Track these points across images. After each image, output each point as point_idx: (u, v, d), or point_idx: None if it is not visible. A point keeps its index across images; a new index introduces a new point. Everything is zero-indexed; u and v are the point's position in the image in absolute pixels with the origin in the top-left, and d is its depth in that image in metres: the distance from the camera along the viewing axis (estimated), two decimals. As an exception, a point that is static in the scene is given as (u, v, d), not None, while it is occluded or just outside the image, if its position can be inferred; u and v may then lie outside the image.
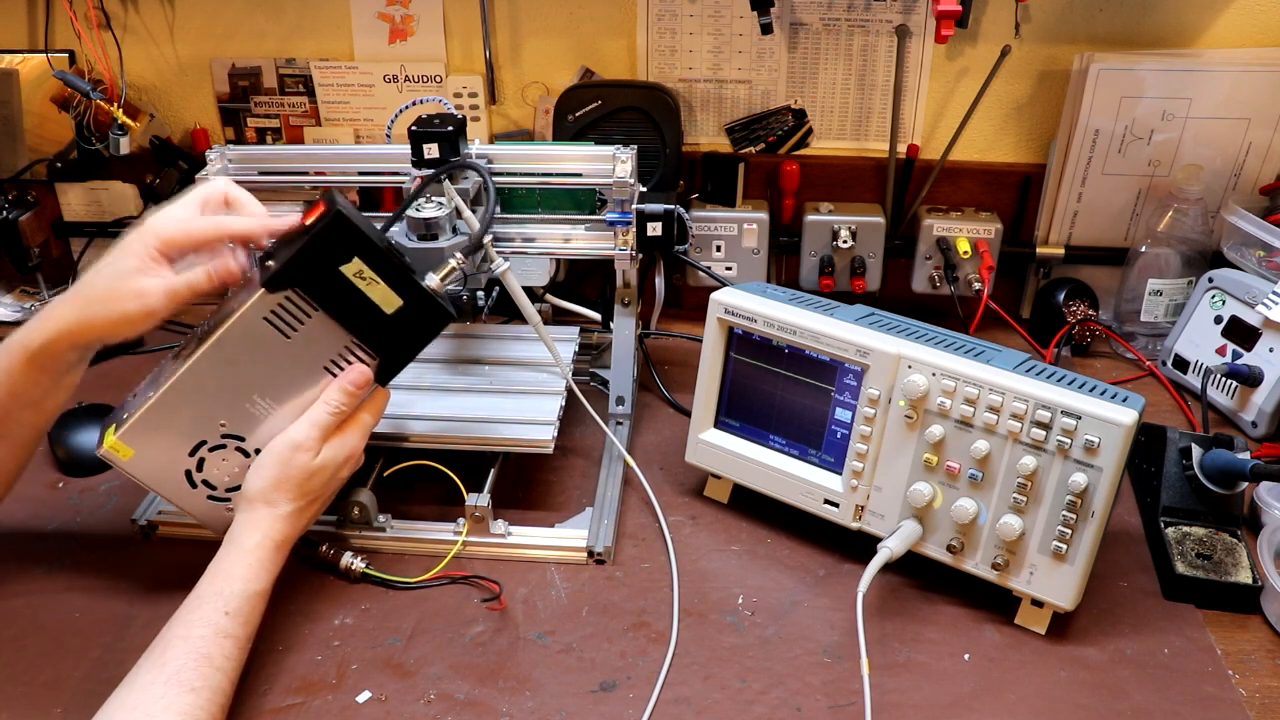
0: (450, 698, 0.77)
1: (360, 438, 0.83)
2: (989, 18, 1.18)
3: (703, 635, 0.83)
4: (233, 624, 0.73)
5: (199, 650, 0.70)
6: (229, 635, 0.73)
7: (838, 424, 0.88)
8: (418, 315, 0.80)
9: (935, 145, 1.25)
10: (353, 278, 0.77)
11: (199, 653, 0.70)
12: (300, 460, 0.79)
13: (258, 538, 0.78)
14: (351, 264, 0.76)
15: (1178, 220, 1.17)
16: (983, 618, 0.84)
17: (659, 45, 1.24)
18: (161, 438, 0.80)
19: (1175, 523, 0.91)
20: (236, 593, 0.75)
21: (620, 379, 1.07)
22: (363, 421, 0.83)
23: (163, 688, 0.68)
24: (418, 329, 0.81)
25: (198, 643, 0.71)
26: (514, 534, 0.91)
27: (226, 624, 0.73)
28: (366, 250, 0.76)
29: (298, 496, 0.80)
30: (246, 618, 0.75)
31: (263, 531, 0.78)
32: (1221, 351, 1.11)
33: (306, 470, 0.80)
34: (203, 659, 0.70)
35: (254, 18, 1.28)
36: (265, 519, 0.79)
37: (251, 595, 0.76)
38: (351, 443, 0.82)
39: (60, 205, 1.36)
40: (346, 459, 0.82)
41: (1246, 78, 1.13)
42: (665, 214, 0.99)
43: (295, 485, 0.80)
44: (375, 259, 0.77)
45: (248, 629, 0.75)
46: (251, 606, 0.75)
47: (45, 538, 0.93)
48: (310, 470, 0.80)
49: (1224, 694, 0.77)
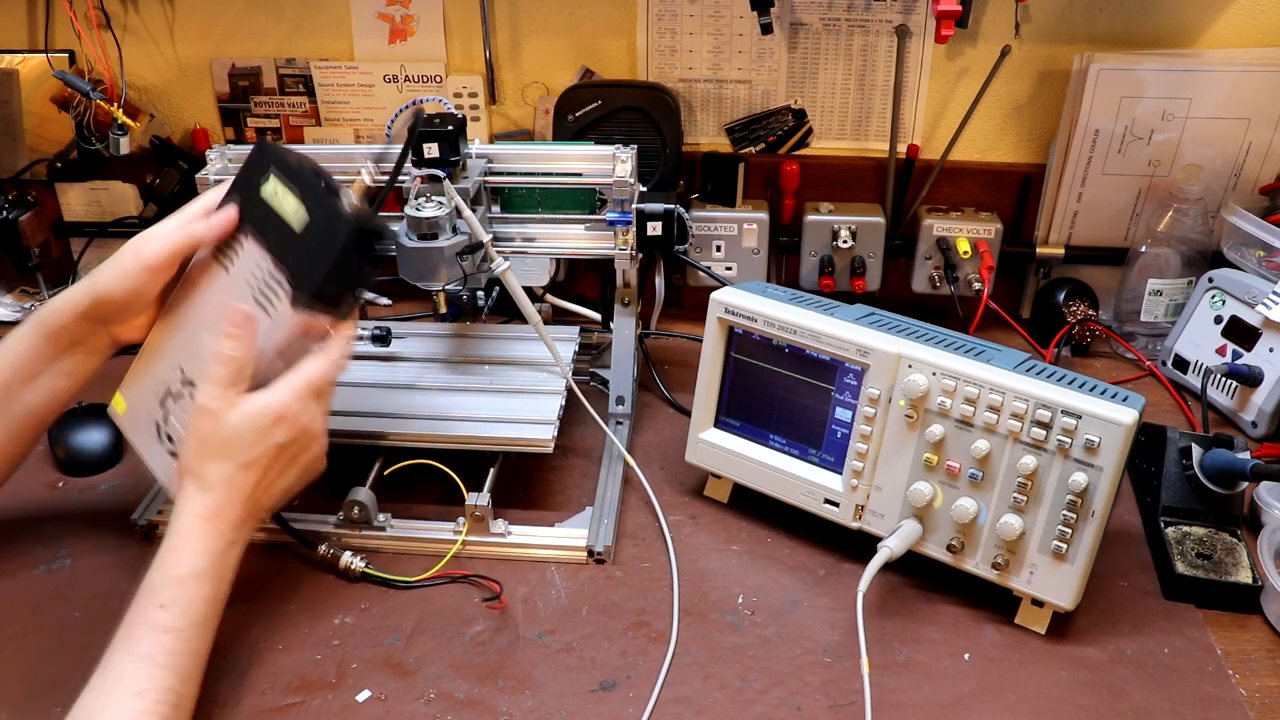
0: (450, 697, 0.77)
1: (292, 394, 0.75)
2: (989, 18, 1.18)
3: (703, 635, 0.83)
4: (169, 616, 0.69)
5: (137, 652, 0.67)
6: (167, 629, 0.68)
7: (838, 423, 0.88)
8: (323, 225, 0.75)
9: (935, 145, 1.25)
10: (268, 198, 0.77)
11: (137, 654, 0.67)
12: (205, 424, 0.73)
13: (182, 515, 0.73)
14: (268, 182, 0.77)
15: (1178, 220, 1.17)
16: (983, 617, 0.84)
17: (659, 45, 1.24)
18: (142, 387, 0.81)
19: (1175, 522, 0.91)
20: (166, 581, 0.70)
21: (620, 379, 1.07)
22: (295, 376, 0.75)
23: (106, 697, 0.65)
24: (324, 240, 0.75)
25: (134, 644, 0.68)
26: (514, 533, 0.91)
27: (162, 618, 0.68)
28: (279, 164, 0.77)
29: (224, 462, 0.73)
30: (184, 606, 0.70)
31: (186, 507, 0.73)
32: (1221, 351, 1.11)
33: (218, 433, 0.73)
34: (143, 659, 0.67)
35: (254, 18, 1.28)
36: (189, 493, 0.73)
37: (182, 579, 0.70)
38: (279, 398, 0.74)
39: (60, 205, 1.36)
40: (277, 417, 0.74)
41: (1246, 78, 1.13)
42: (665, 214, 0.99)
43: (213, 451, 0.73)
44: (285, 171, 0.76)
45: (188, 618, 0.70)
46: (187, 593, 0.70)
47: (45, 538, 0.93)
48: (228, 429, 0.73)
49: (1224, 694, 0.77)
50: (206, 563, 0.72)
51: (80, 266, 1.36)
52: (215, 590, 0.72)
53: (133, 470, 1.01)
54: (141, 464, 0.91)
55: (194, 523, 0.72)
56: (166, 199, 1.32)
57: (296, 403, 0.75)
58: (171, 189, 1.31)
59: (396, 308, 1.34)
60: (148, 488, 0.97)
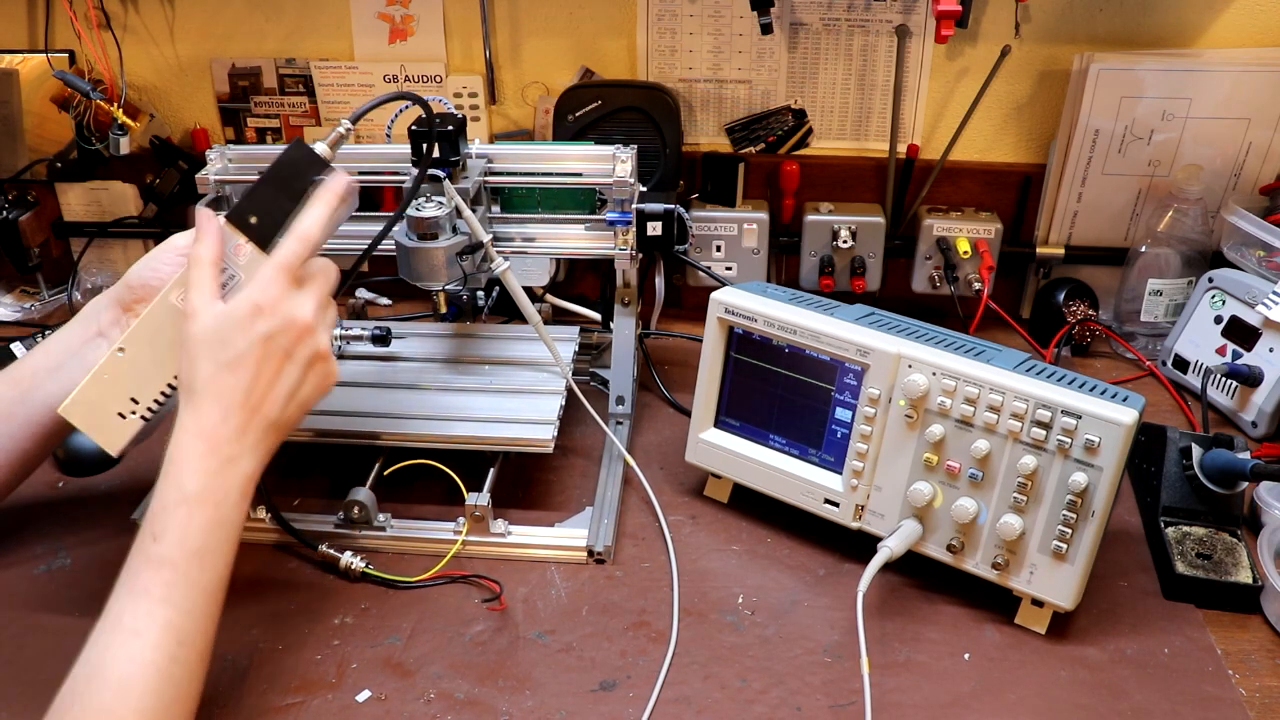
0: (450, 697, 0.77)
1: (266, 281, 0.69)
2: (989, 18, 1.18)
3: (703, 635, 0.83)
4: (163, 547, 0.64)
5: (134, 589, 0.64)
6: (162, 562, 0.64)
7: (838, 423, 0.88)
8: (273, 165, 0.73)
9: (935, 145, 1.25)
10: None
11: (134, 591, 0.63)
12: (187, 330, 0.68)
13: (176, 434, 0.67)
14: None
15: (1178, 220, 1.17)
16: (983, 617, 0.84)
17: (659, 45, 1.24)
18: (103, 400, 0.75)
19: (1175, 523, 0.91)
20: (159, 509, 0.65)
21: (620, 379, 1.07)
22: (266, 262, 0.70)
23: (107, 637, 0.62)
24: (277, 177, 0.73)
25: (132, 581, 0.64)
26: (514, 533, 0.91)
27: (156, 550, 0.64)
28: None
29: (206, 363, 0.67)
30: (178, 535, 0.65)
31: (180, 424, 0.67)
32: (1221, 351, 1.11)
33: (198, 335, 0.68)
34: (140, 596, 0.63)
35: (254, 18, 1.28)
36: (181, 412, 0.68)
37: (172, 505, 0.65)
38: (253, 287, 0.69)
39: (60, 205, 1.36)
40: (254, 305, 0.68)
41: (1246, 78, 1.13)
42: (665, 214, 0.99)
43: (194, 355, 0.68)
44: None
45: (185, 546, 0.65)
46: (179, 520, 0.65)
47: (45, 538, 0.93)
48: (207, 329, 0.68)
49: (1224, 694, 0.77)
50: (200, 484, 0.66)
51: (80, 266, 1.36)
52: (215, 514, 0.66)
53: (133, 470, 1.01)
54: (141, 464, 0.91)
55: (185, 440, 0.67)
56: (166, 199, 1.32)
57: (273, 288, 0.69)
58: (171, 189, 1.31)
59: (396, 308, 1.34)
60: (148, 487, 0.97)
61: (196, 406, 0.68)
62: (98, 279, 1.36)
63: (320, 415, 0.95)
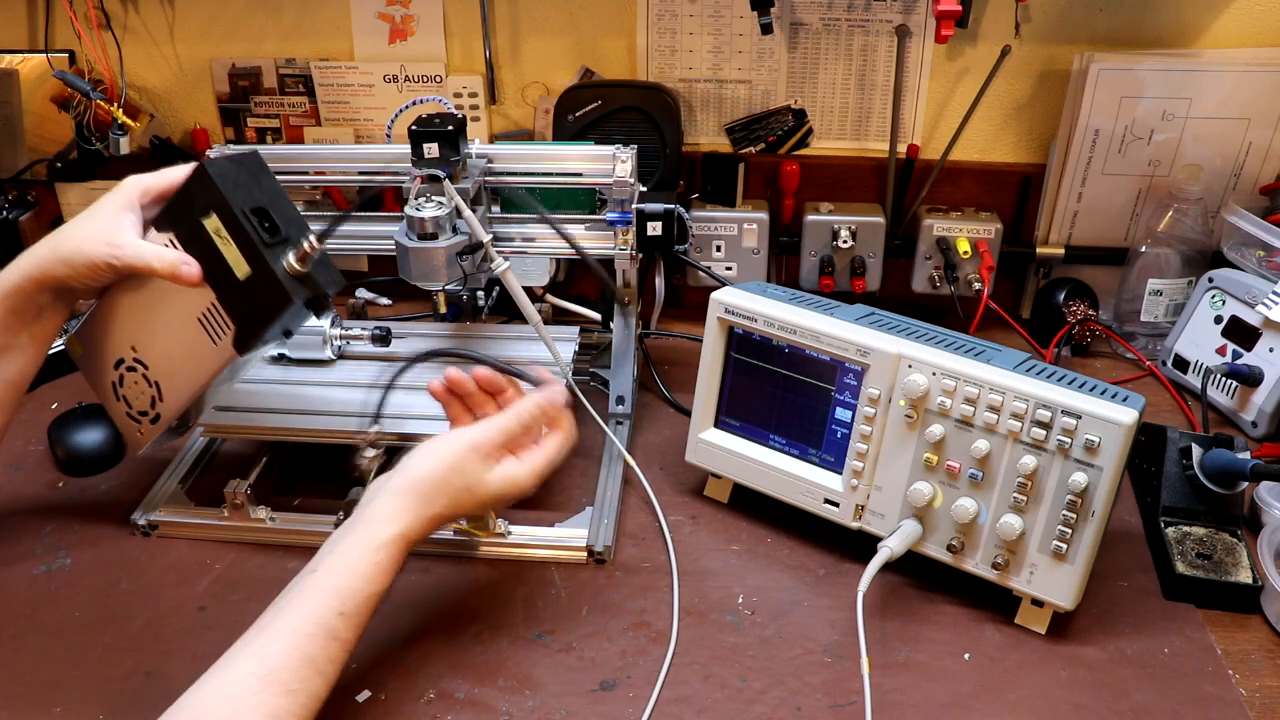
0: (450, 696, 0.77)
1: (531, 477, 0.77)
2: (989, 18, 1.18)
3: (703, 635, 0.83)
4: (344, 626, 0.67)
5: (304, 651, 0.65)
6: (337, 638, 0.67)
7: (838, 423, 0.88)
8: (263, 288, 0.76)
9: (935, 145, 1.25)
10: (213, 234, 0.76)
11: (304, 653, 0.65)
12: (472, 464, 0.74)
13: (395, 532, 0.71)
14: (210, 219, 0.76)
15: (1178, 220, 1.17)
16: (983, 617, 0.84)
17: (659, 45, 1.24)
18: (98, 341, 0.85)
19: (1175, 523, 0.91)
20: (357, 591, 0.68)
21: (620, 379, 1.07)
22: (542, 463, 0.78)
23: (259, 683, 0.63)
24: (264, 303, 0.77)
25: (305, 641, 0.65)
26: (514, 533, 0.91)
27: (338, 625, 0.67)
28: (222, 209, 0.76)
29: (450, 502, 0.73)
30: (361, 621, 0.69)
31: (403, 526, 0.71)
32: (1221, 351, 1.11)
33: (476, 477, 0.74)
34: (306, 661, 0.65)
35: (254, 18, 1.28)
36: (410, 513, 0.72)
37: (371, 597, 0.69)
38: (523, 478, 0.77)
39: (60, 205, 1.36)
40: (515, 493, 0.76)
41: (1246, 78, 1.13)
42: (665, 214, 0.99)
43: (458, 490, 0.74)
44: (229, 220, 0.76)
45: (358, 633, 0.69)
46: (369, 609, 0.69)
47: (45, 537, 0.93)
48: (480, 480, 0.74)
49: (1224, 694, 0.77)
50: (388, 587, 0.71)
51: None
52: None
53: (133, 470, 1.01)
54: (141, 464, 0.91)
55: (399, 545, 0.71)
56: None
57: (529, 484, 0.77)
58: (171, 189, 1.31)
59: (396, 308, 1.34)
60: (148, 487, 0.97)
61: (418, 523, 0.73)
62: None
63: (320, 415, 0.95)
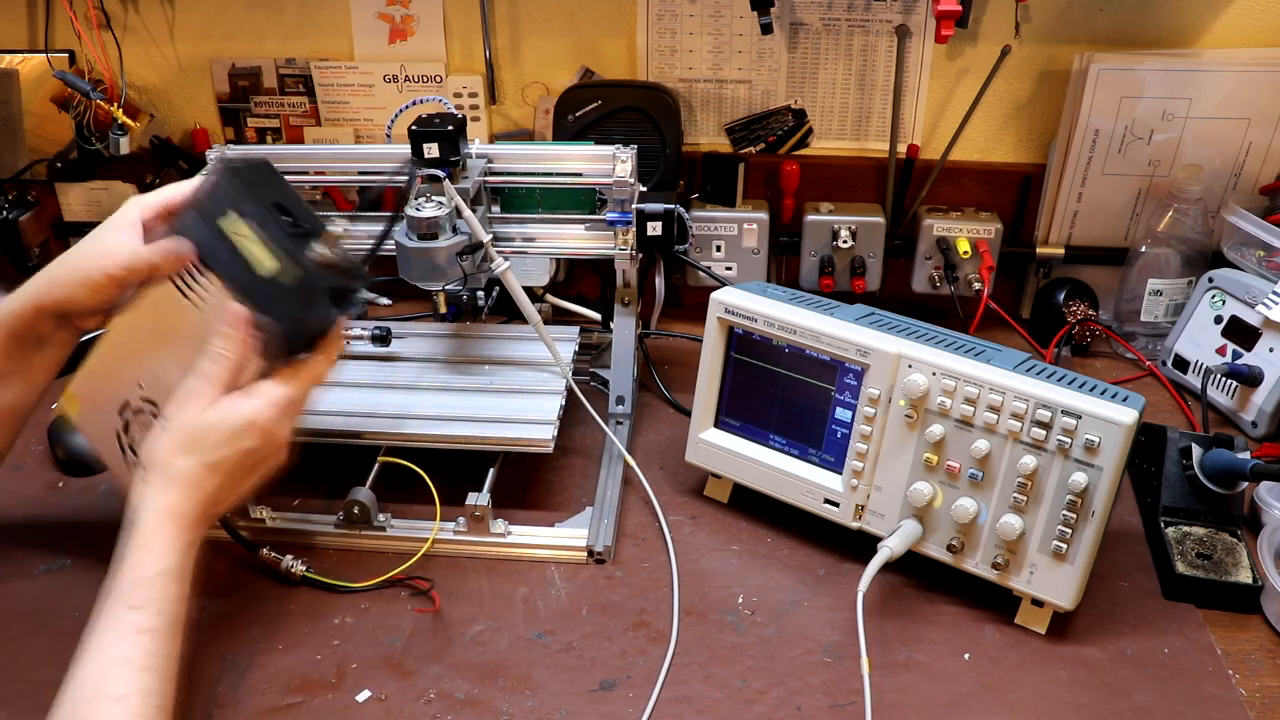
0: (450, 697, 0.77)
1: (269, 404, 0.73)
2: (989, 18, 1.18)
3: (703, 635, 0.83)
4: (144, 617, 0.66)
5: (115, 656, 0.65)
6: (143, 630, 0.66)
7: (838, 423, 0.88)
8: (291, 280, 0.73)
9: (935, 145, 1.25)
10: (232, 235, 0.73)
11: (115, 658, 0.65)
12: (185, 416, 0.71)
13: (147, 510, 0.70)
14: (228, 219, 0.73)
15: (1178, 220, 1.17)
16: (983, 617, 0.84)
17: (659, 45, 1.24)
18: (98, 392, 0.79)
19: (1175, 523, 0.91)
20: (136, 580, 0.67)
21: (620, 379, 1.07)
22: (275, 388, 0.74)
23: (86, 706, 0.63)
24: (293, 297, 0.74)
25: (111, 649, 0.65)
26: (514, 533, 0.91)
27: (138, 619, 0.66)
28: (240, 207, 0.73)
29: (190, 457, 0.71)
30: (159, 606, 0.67)
31: (151, 501, 0.70)
32: (1221, 351, 1.11)
33: (196, 425, 0.71)
34: (122, 664, 0.65)
35: (254, 18, 1.28)
36: (155, 486, 0.71)
37: (152, 579, 0.68)
38: (256, 406, 0.72)
39: (60, 205, 1.36)
40: (249, 423, 0.72)
41: (1246, 78, 1.13)
42: (665, 214, 0.99)
43: (183, 444, 0.71)
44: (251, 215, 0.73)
45: (164, 617, 0.67)
46: (158, 591, 0.68)
47: (45, 538, 0.93)
48: (201, 425, 0.71)
49: (1224, 694, 0.77)
50: (174, 561, 0.69)
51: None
52: (182, 590, 0.70)
53: (133, 470, 1.01)
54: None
55: (158, 520, 0.70)
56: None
57: (274, 412, 0.73)
58: (171, 189, 1.31)
59: (396, 308, 1.34)
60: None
61: (169, 490, 0.71)
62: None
63: (320, 415, 0.95)
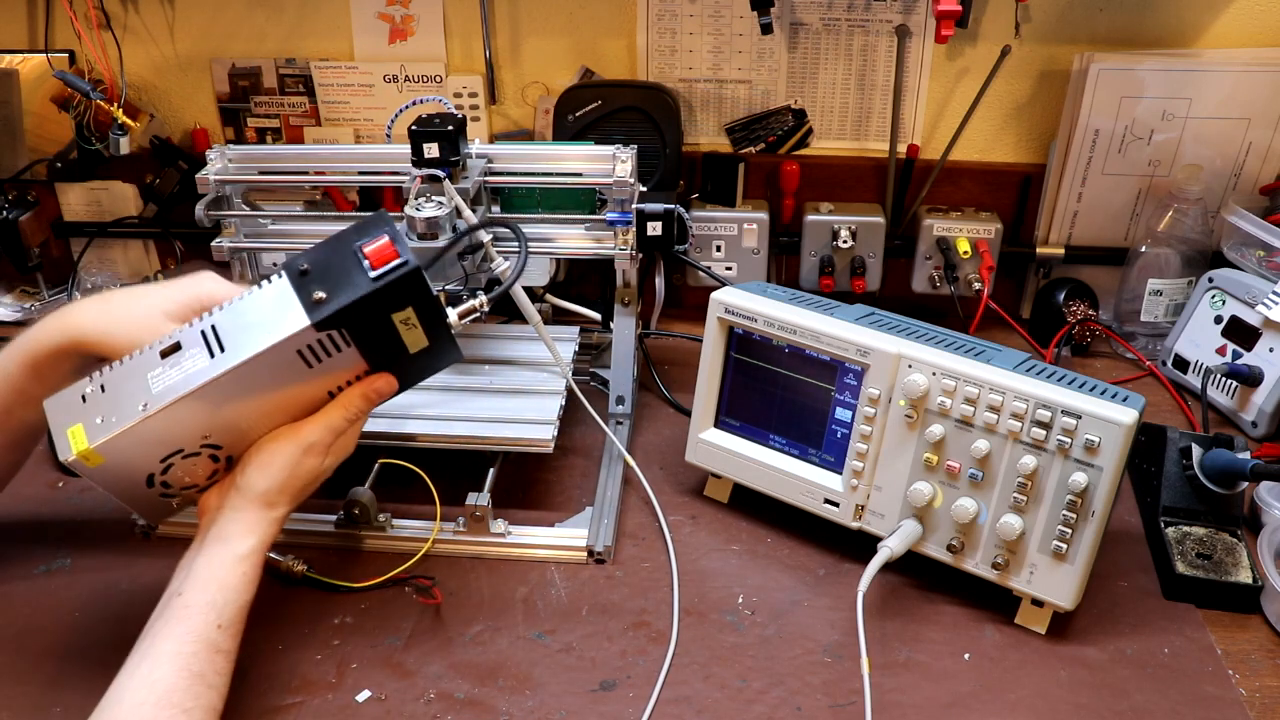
0: (450, 697, 0.77)
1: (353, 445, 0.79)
2: (989, 18, 1.18)
3: (703, 635, 0.83)
4: (224, 638, 0.69)
5: (191, 669, 0.67)
6: (220, 650, 0.69)
7: (838, 423, 0.88)
8: (435, 353, 0.77)
9: (935, 145, 1.25)
10: (398, 324, 0.74)
11: (192, 671, 0.66)
12: (310, 464, 0.75)
13: (253, 543, 0.73)
14: (404, 312, 0.74)
15: (1178, 220, 1.17)
16: (983, 617, 0.84)
17: (659, 45, 1.24)
18: (139, 449, 0.73)
19: (1175, 523, 0.91)
20: (230, 604, 0.70)
21: (620, 379, 1.07)
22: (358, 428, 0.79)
23: (153, 709, 0.64)
24: (429, 365, 0.79)
25: (190, 660, 0.67)
26: (514, 533, 0.91)
27: (219, 639, 0.69)
28: (422, 301, 0.74)
29: (294, 500, 0.76)
30: (237, 630, 0.71)
31: (259, 536, 0.73)
32: (1221, 351, 1.11)
33: (314, 474, 0.76)
34: (196, 678, 0.66)
35: (254, 18, 1.28)
36: (262, 522, 0.74)
37: (244, 606, 0.71)
38: (349, 449, 0.78)
39: (60, 205, 1.36)
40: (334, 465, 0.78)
41: (1246, 78, 1.13)
42: (665, 214, 0.99)
43: (299, 489, 0.76)
44: (425, 308, 0.74)
45: (237, 641, 0.71)
46: (242, 619, 0.71)
47: (45, 538, 0.93)
48: (316, 474, 0.76)
49: (1224, 694, 0.77)
50: (253, 596, 0.72)
51: (80, 267, 1.36)
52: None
53: (133, 470, 1.01)
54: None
55: (259, 557, 0.73)
56: (166, 199, 1.32)
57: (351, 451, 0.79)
58: (171, 189, 1.31)
59: (396, 308, 1.34)
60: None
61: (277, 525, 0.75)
62: (97, 279, 1.36)
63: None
